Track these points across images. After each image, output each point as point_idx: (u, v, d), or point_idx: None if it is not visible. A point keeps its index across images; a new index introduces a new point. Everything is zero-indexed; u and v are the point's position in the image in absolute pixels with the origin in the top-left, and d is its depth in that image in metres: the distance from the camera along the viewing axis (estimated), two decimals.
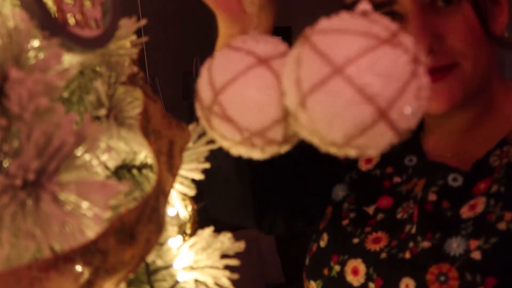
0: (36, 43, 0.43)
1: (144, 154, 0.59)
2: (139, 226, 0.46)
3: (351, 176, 0.97)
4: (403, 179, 0.91)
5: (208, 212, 0.91)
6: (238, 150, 0.52)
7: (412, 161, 0.92)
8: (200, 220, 0.67)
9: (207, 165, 0.62)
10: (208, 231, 0.62)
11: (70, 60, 0.51)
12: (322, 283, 0.90)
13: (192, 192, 0.62)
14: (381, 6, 0.80)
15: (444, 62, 0.79)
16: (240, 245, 0.62)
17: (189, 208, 0.64)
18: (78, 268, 0.40)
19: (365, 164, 0.97)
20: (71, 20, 0.49)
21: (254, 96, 0.48)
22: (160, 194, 0.50)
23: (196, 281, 0.59)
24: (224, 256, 0.61)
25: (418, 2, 0.79)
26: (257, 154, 0.52)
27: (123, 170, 0.59)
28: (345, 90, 0.41)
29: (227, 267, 0.60)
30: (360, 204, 0.93)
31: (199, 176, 0.62)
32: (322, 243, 0.93)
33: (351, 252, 0.88)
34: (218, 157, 0.62)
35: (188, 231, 0.65)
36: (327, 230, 0.94)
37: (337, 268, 0.88)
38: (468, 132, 0.88)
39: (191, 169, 0.61)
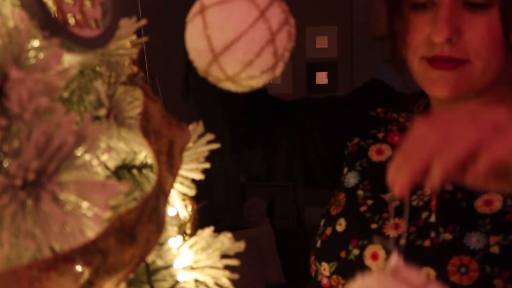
0: (36, 43, 0.43)
1: (144, 154, 0.59)
2: (139, 226, 0.46)
3: (361, 164, 1.00)
4: None
5: None
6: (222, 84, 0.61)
7: None
8: (200, 220, 0.67)
9: (207, 165, 0.62)
10: (208, 231, 0.62)
11: (70, 60, 0.51)
12: (337, 264, 0.92)
13: (192, 192, 0.62)
14: None
15: (458, 56, 0.83)
16: (240, 245, 0.62)
17: (189, 208, 0.64)
18: (78, 268, 0.40)
19: (375, 155, 0.99)
20: (71, 20, 0.49)
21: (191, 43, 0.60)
22: (160, 194, 0.50)
23: (196, 281, 0.59)
24: (224, 256, 0.61)
25: None
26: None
27: (123, 170, 0.59)
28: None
29: (227, 267, 0.60)
30: (376, 191, 0.96)
31: (199, 176, 0.62)
32: (340, 228, 0.95)
33: (370, 237, 0.90)
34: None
35: (188, 231, 0.64)
36: (344, 215, 0.96)
37: (355, 251, 0.91)
38: None
39: (191, 169, 0.61)
